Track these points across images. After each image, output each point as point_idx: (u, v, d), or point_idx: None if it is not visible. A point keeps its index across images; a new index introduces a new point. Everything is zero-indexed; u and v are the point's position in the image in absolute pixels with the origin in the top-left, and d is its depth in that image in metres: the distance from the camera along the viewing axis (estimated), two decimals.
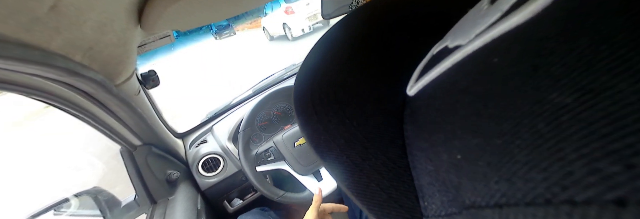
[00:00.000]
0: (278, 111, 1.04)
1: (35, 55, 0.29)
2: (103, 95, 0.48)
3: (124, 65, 0.51)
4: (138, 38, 0.50)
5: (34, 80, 0.37)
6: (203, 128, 1.02)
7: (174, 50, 11.27)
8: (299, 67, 0.18)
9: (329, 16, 0.65)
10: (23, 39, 0.27)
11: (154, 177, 0.73)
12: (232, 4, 0.48)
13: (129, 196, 0.73)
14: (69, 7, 0.29)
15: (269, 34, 6.10)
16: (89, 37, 0.36)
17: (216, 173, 0.89)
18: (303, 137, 0.16)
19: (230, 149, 0.90)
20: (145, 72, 0.68)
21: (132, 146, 0.70)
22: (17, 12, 0.24)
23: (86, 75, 0.38)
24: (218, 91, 3.95)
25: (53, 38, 0.31)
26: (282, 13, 4.60)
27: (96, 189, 0.67)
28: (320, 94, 0.15)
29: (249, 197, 0.96)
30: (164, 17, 0.41)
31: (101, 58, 0.42)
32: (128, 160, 0.71)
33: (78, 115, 0.52)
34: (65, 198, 0.61)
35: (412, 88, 0.13)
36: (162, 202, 0.73)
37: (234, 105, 1.09)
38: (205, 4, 0.43)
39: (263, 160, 0.77)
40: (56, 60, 0.32)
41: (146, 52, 0.59)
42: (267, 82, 1.16)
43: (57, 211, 0.60)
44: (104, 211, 0.64)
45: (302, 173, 0.77)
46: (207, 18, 0.52)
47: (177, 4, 0.38)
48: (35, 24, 0.27)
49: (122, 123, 0.60)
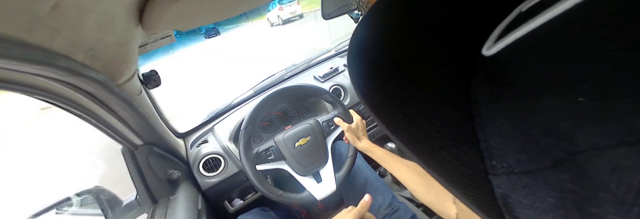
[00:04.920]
0: (279, 111, 1.04)
1: (37, 55, 0.29)
2: (105, 95, 0.48)
3: (125, 65, 0.51)
4: (139, 38, 0.50)
5: (36, 80, 0.38)
6: (204, 128, 1.03)
7: (174, 51, 11.91)
8: (350, 39, 0.17)
9: (329, 16, 0.65)
10: (25, 39, 0.28)
11: (155, 177, 0.73)
12: (232, 4, 0.48)
13: (130, 195, 0.73)
14: (71, 7, 0.29)
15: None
16: (91, 37, 0.36)
17: (217, 173, 0.89)
18: (360, 99, 0.15)
19: (231, 149, 0.90)
20: (146, 72, 0.68)
21: (134, 146, 0.70)
22: (18, 12, 0.25)
23: (88, 75, 0.39)
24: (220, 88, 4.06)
25: (55, 38, 0.31)
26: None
27: (98, 189, 0.67)
28: (376, 59, 0.15)
29: (250, 197, 0.96)
30: (165, 17, 0.42)
31: (103, 58, 0.43)
32: (129, 160, 0.71)
33: (80, 114, 0.52)
34: (66, 197, 0.62)
35: (491, 48, 0.12)
36: (163, 202, 0.73)
37: (235, 105, 1.09)
38: (206, 5, 0.43)
39: (263, 159, 0.77)
40: (58, 59, 0.32)
41: (147, 52, 0.59)
42: (268, 82, 1.16)
43: (58, 210, 0.60)
44: (105, 210, 0.65)
45: (302, 174, 0.77)
46: (207, 18, 0.52)
47: (177, 4, 0.38)
48: (37, 24, 0.27)
49: (124, 123, 0.60)
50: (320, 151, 0.80)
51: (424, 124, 0.12)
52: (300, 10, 10.07)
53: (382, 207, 0.75)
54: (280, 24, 10.37)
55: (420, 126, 0.12)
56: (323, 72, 1.11)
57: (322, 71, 1.12)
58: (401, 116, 0.13)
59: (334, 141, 0.83)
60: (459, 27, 0.14)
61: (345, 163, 0.81)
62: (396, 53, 0.14)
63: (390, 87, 0.14)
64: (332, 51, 1.29)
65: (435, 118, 0.12)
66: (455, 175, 0.12)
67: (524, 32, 0.10)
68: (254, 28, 13.08)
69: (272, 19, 10.97)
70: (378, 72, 0.14)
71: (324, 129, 0.83)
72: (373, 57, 0.15)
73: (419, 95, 0.13)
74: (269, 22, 11.62)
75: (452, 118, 0.12)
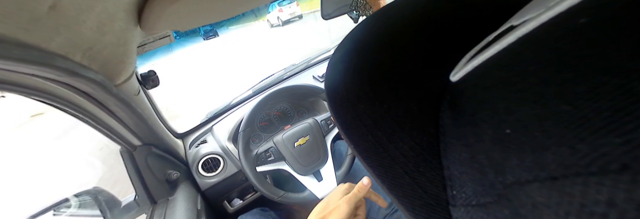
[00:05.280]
0: (278, 111, 1.04)
1: (34, 55, 0.29)
2: (103, 95, 0.48)
3: (123, 65, 0.51)
4: (138, 39, 0.50)
5: (34, 81, 0.37)
6: (203, 128, 1.02)
7: (173, 51, 11.95)
8: (335, 49, 0.17)
9: (329, 16, 0.65)
10: (22, 39, 0.27)
11: (154, 177, 0.73)
12: (231, 4, 0.48)
13: (129, 196, 0.73)
14: (69, 7, 0.29)
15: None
16: (89, 37, 0.36)
17: (216, 173, 0.89)
18: (331, 115, 0.16)
19: (230, 149, 0.90)
20: (145, 72, 0.67)
21: (132, 147, 0.70)
22: (16, 12, 0.24)
23: (86, 75, 0.38)
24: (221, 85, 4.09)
25: (52, 39, 0.30)
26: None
27: (96, 189, 0.67)
28: (353, 74, 0.15)
29: (249, 197, 0.96)
30: (164, 17, 0.41)
31: (101, 58, 0.42)
32: (128, 160, 0.71)
33: (78, 115, 0.52)
34: (65, 198, 0.61)
35: (456, 73, 0.12)
36: (162, 202, 0.73)
37: (234, 105, 1.09)
38: (205, 5, 0.43)
39: (263, 160, 0.77)
40: (56, 60, 0.32)
41: (146, 52, 0.59)
42: (267, 82, 1.16)
43: (56, 211, 0.60)
44: (104, 211, 0.64)
45: (302, 173, 0.77)
46: (206, 18, 0.52)
47: (176, 4, 0.38)
48: (35, 24, 0.27)
49: (122, 124, 0.60)
50: (320, 150, 0.80)
51: (392, 147, 0.12)
52: (300, 11, 10.18)
53: (382, 207, 0.75)
54: (280, 25, 10.50)
55: (388, 149, 0.12)
56: (322, 71, 1.11)
57: (321, 71, 1.12)
58: (370, 137, 0.13)
59: (333, 140, 0.83)
60: (436, 52, 0.14)
61: (345, 160, 0.81)
62: (373, 71, 0.14)
63: (361, 106, 0.14)
64: (331, 51, 1.29)
65: (403, 141, 0.12)
66: (418, 204, 0.12)
67: (480, 61, 0.11)
68: (256, 28, 13.31)
69: (272, 20, 11.12)
70: (352, 90, 0.14)
71: (322, 128, 0.83)
72: (351, 72, 0.15)
73: (390, 117, 0.13)
74: (268, 23, 11.80)
75: (419, 143, 0.12)
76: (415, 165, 0.12)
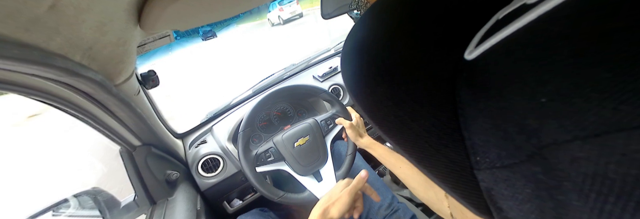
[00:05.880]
0: (278, 111, 1.03)
1: (34, 55, 0.28)
2: (102, 95, 0.48)
3: (123, 65, 0.51)
4: (137, 38, 0.50)
5: (33, 80, 0.37)
6: (203, 128, 1.02)
7: (172, 51, 11.99)
8: (345, 40, 0.18)
9: (328, 16, 0.65)
10: (22, 39, 0.27)
11: (154, 177, 0.73)
12: (230, 4, 0.48)
13: (129, 196, 0.72)
14: (68, 7, 0.29)
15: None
16: (89, 36, 0.36)
17: (216, 173, 0.89)
18: (353, 102, 0.17)
19: (230, 149, 0.90)
20: (144, 72, 0.67)
21: (132, 147, 0.70)
22: (16, 12, 0.24)
23: (85, 75, 0.38)
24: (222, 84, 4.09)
25: (52, 38, 0.30)
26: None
27: (95, 190, 0.67)
28: (368, 61, 0.16)
29: (249, 198, 0.96)
30: (164, 17, 0.41)
31: (101, 58, 0.42)
32: (127, 161, 0.70)
33: (77, 115, 0.52)
34: (64, 198, 0.61)
35: (471, 53, 0.13)
36: (161, 202, 0.73)
37: (234, 105, 1.08)
38: (205, 4, 0.43)
39: (263, 161, 0.77)
40: (55, 60, 0.32)
41: (146, 52, 0.59)
42: (267, 82, 1.16)
43: (55, 212, 0.59)
44: (103, 211, 0.64)
45: (302, 174, 0.77)
46: (206, 18, 0.52)
47: (176, 4, 0.38)
48: (35, 23, 0.27)
49: (122, 124, 0.60)
50: (320, 150, 0.80)
51: (415, 124, 0.13)
52: (300, 9, 10.49)
53: (382, 208, 0.75)
54: (281, 23, 10.73)
55: (411, 126, 0.14)
56: (322, 71, 1.11)
57: (321, 71, 1.12)
58: (392, 118, 0.14)
59: (333, 140, 0.83)
60: (445, 33, 0.15)
61: (344, 161, 0.81)
62: (387, 56, 0.15)
63: (381, 90, 0.15)
64: (331, 51, 1.29)
65: (424, 118, 0.13)
66: (445, 172, 0.13)
67: (498, 39, 0.12)
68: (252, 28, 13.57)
69: (273, 19, 11.34)
70: (369, 75, 0.16)
71: (322, 128, 0.83)
72: (366, 60, 0.16)
73: (409, 97, 0.14)
74: (270, 23, 12.04)
75: (439, 118, 0.13)
76: (439, 138, 0.13)
